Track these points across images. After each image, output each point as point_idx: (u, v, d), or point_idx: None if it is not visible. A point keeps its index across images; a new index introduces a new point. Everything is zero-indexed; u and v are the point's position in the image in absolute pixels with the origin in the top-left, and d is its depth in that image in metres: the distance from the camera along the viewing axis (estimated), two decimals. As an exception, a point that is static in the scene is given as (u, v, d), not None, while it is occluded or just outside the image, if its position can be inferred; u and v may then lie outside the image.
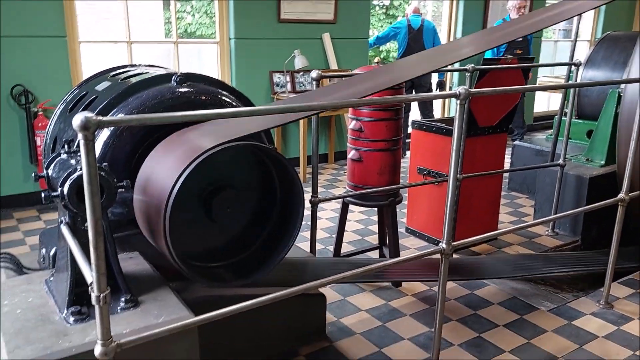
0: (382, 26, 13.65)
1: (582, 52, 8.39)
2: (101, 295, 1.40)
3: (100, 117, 1.32)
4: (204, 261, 2.10)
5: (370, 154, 3.16)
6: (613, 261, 3.05)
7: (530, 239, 4.16)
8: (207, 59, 6.52)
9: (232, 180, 2.09)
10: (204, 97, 2.30)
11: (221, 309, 1.65)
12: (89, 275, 1.43)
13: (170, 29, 11.68)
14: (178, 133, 2.10)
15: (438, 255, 2.23)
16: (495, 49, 6.12)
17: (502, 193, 4.43)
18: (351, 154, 3.22)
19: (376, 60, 3.04)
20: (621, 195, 2.97)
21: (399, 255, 3.39)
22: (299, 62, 5.52)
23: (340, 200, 3.36)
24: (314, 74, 2.84)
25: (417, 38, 6.49)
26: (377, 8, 13.61)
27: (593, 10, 8.00)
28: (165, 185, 1.83)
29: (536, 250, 4.02)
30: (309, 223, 3.06)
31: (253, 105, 2.53)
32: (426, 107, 6.76)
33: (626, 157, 3.07)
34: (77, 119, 1.29)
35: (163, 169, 1.92)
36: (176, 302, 1.82)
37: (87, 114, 1.30)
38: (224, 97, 2.40)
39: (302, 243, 3.70)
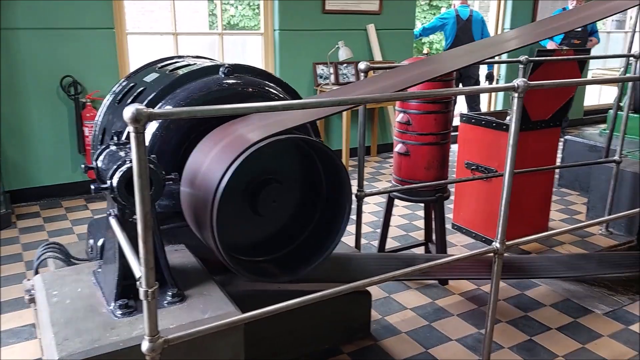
0: (425, 17, 13.39)
1: (636, 43, 7.99)
2: (149, 291, 1.38)
3: (151, 110, 1.29)
4: (249, 255, 2.07)
5: (418, 148, 3.07)
6: (675, 264, 2.87)
7: (583, 238, 3.98)
8: (251, 51, 6.50)
9: (278, 174, 2.04)
10: (251, 89, 2.26)
11: (267, 307, 1.61)
12: (137, 269, 1.41)
13: (214, 21, 11.76)
14: (224, 126, 2.07)
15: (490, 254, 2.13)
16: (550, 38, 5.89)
17: (553, 190, 4.25)
18: (398, 148, 3.14)
19: (425, 51, 2.94)
20: (687, 194, 2.78)
21: (445, 252, 3.29)
22: (343, 53, 5.44)
23: (385, 194, 3.29)
24: (362, 65, 2.76)
25: (465, 29, 6.30)
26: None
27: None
28: (214, 178, 1.80)
29: (589, 250, 3.84)
30: (354, 217, 3.00)
31: (299, 97, 2.48)
32: (474, 100, 6.59)
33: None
34: (128, 111, 1.27)
35: (211, 162, 1.90)
36: (222, 297, 1.80)
37: (138, 106, 1.28)
38: (270, 89, 2.36)
39: (345, 237, 3.66)
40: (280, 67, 5.49)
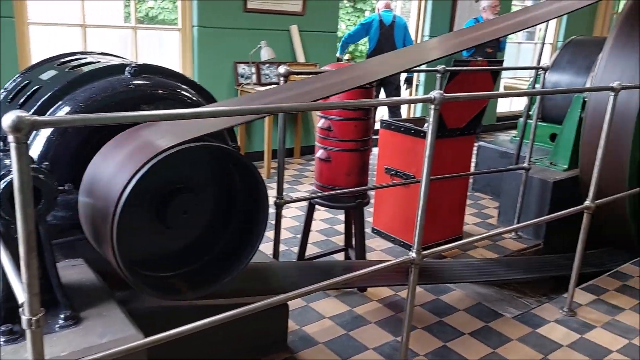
0: (349, 19, 13.53)
1: (545, 55, 8.51)
2: (33, 319, 1.22)
3: (34, 117, 1.14)
4: (157, 270, 1.93)
5: (339, 154, 3.04)
6: (577, 268, 3.03)
7: (495, 241, 4.14)
8: (168, 47, 6.23)
9: (190, 182, 1.92)
10: (160, 91, 2.12)
11: (173, 329, 1.49)
12: (20, 294, 1.25)
13: (130, 13, 11.22)
14: (132, 129, 1.91)
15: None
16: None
17: (467, 194, 4.39)
18: (319, 153, 3.09)
19: (347, 57, 2.92)
20: (587, 202, 2.94)
21: (364, 258, 3.29)
22: (265, 53, 5.34)
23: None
24: (281, 69, 2.68)
25: (388, 34, 6.39)
26: (345, 1, 13.47)
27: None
28: (116, 188, 1.65)
29: (500, 252, 4.00)
30: (273, 223, 2.91)
31: (215, 100, 2.36)
32: (394, 105, 6.70)
33: (589, 163, 3.06)
34: (7, 119, 1.11)
35: (114, 170, 1.74)
36: (123, 319, 1.65)
37: (20, 112, 1.12)
38: (183, 92, 2.22)
39: (264, 244, 3.57)
40: (199, 66, 5.30)
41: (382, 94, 6.65)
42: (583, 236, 2.99)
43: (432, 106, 2.04)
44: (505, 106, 9.06)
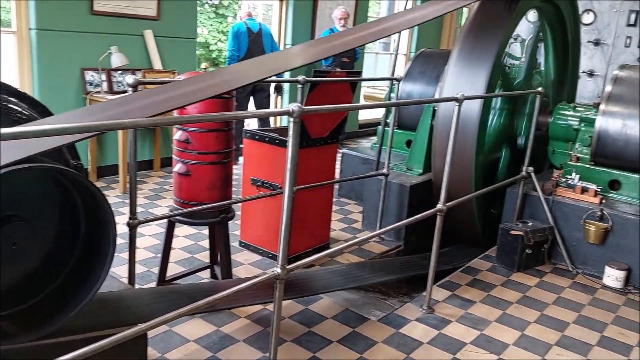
0: (212, 25, 13.24)
1: (399, 65, 9.05)
2: None
3: None
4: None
5: (199, 168, 2.91)
6: (434, 267, 3.22)
7: (360, 245, 4.26)
8: (2, 52, 5.54)
9: (21, 209, 1.67)
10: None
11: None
12: None
13: (-43, 10, 9.86)
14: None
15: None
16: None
17: (333, 200, 4.48)
18: (177, 167, 2.93)
19: (204, 66, 2.78)
20: (439, 205, 3.13)
21: (231, 274, 3.18)
22: (117, 59, 4.97)
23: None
24: (129, 79, 2.48)
25: (257, 42, 6.33)
26: (207, 6, 13.17)
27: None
28: None
29: (365, 256, 4.13)
30: (127, 244, 2.69)
31: (51, 114, 2.10)
32: (255, 117, 6.62)
33: (441, 168, 3.27)
34: None
35: None
36: None
37: None
38: (12, 106, 1.94)
39: (119, 267, 3.30)
40: (40, 72, 4.78)
41: (252, 102, 6.56)
42: (437, 237, 3.18)
43: (292, 119, 2.01)
44: (366, 114, 9.47)
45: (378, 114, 9.57)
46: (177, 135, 2.87)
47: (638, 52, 7.87)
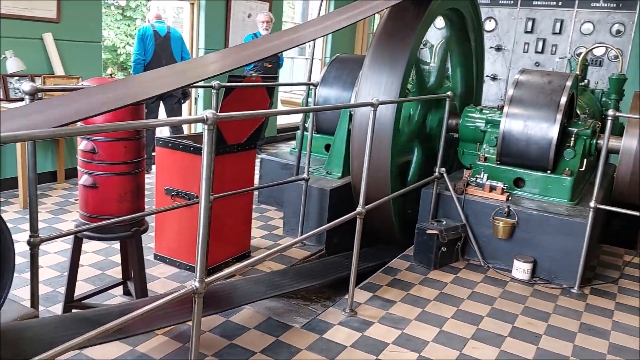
0: (119, 27, 12.68)
1: (315, 70, 9.13)
2: None
3: None
4: None
5: (107, 179, 2.74)
6: (355, 270, 3.24)
7: (281, 252, 4.22)
8: None
9: None
10: None
11: None
12: None
13: None
14: None
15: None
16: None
17: (253, 207, 4.41)
18: (83, 179, 2.74)
19: (110, 71, 2.63)
20: (359, 209, 3.17)
21: (145, 290, 3.03)
22: (13, 64, 4.60)
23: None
24: (26, 86, 2.29)
25: (164, 45, 6.11)
26: (113, 8, 12.60)
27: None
28: None
29: (286, 262, 4.09)
30: (27, 262, 2.47)
31: None
32: (165, 125, 6.38)
33: (359, 171, 3.31)
34: None
35: None
36: None
37: None
38: None
39: (21, 289, 3.05)
40: None
41: (162, 108, 6.33)
42: (357, 240, 3.21)
43: (206, 127, 1.94)
44: (285, 118, 9.48)
45: (297, 118, 9.60)
46: (82, 145, 2.69)
47: (535, 56, 8.48)
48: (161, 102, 6.19)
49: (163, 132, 6.35)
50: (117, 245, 3.75)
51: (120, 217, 2.76)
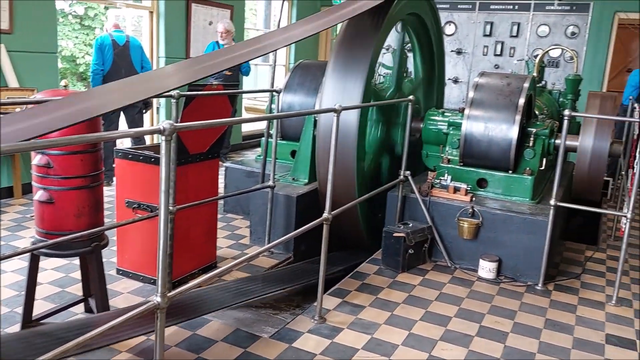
0: (77, 37, 12.39)
1: (280, 76, 9.12)
2: None
3: None
4: None
5: (64, 194, 2.66)
6: (323, 276, 3.23)
7: (249, 261, 4.16)
8: None
9: None
10: None
11: None
12: None
13: None
14: None
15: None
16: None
17: (219, 216, 4.35)
18: (38, 195, 2.65)
19: (63, 83, 2.56)
20: (325, 214, 3.16)
21: (107, 307, 2.94)
22: (-37, 77, 4.44)
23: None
24: (-28, 99, 2.20)
25: (123, 55, 5.98)
26: (71, 17, 12.31)
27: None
28: None
29: (254, 272, 4.05)
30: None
31: None
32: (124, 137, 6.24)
33: (325, 177, 3.31)
34: None
35: None
36: None
37: None
38: None
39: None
40: None
41: (123, 118, 6.19)
42: (325, 246, 3.20)
43: (163, 138, 1.90)
44: (250, 125, 9.42)
45: (262, 125, 9.55)
46: (36, 159, 2.61)
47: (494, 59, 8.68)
48: (122, 112, 6.06)
49: (125, 143, 6.21)
50: (77, 261, 3.64)
51: (78, 232, 2.68)
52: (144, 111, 6.29)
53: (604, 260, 4.46)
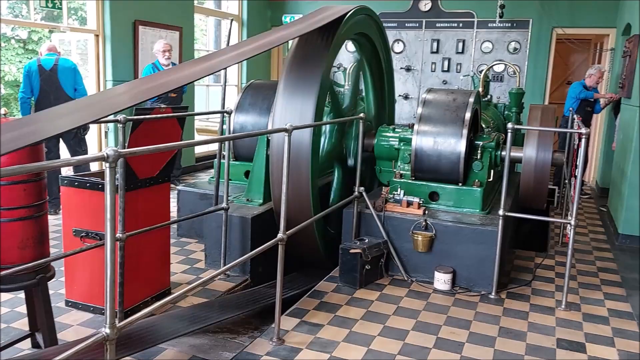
0: (20, 62, 12.01)
1: (232, 96, 9.09)
2: None
3: None
4: None
5: (7, 226, 2.55)
6: (279, 298, 3.20)
7: (204, 286, 4.09)
8: None
9: None
10: None
11: None
12: None
13: None
14: None
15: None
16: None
17: (172, 241, 4.26)
18: (-23, 228, 2.53)
19: (3, 111, 2.45)
20: (280, 235, 3.15)
21: (56, 341, 2.83)
22: None
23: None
24: None
25: (51, 80, 5.68)
26: (14, 41, 11.93)
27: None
28: None
29: (210, 296, 3.97)
30: None
31: None
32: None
33: (280, 197, 3.29)
34: None
35: None
36: None
37: None
38: None
39: None
40: None
41: (63, 145, 5.97)
42: (280, 267, 3.18)
43: (107, 165, 1.86)
44: (203, 147, 9.30)
45: (215, 146, 9.45)
46: (-26, 190, 2.50)
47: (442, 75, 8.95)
48: (60, 138, 5.82)
49: (70, 170, 6.02)
50: (22, 294, 3.49)
51: (22, 264, 2.57)
52: (81, 135, 6.04)
53: (553, 267, 4.61)
